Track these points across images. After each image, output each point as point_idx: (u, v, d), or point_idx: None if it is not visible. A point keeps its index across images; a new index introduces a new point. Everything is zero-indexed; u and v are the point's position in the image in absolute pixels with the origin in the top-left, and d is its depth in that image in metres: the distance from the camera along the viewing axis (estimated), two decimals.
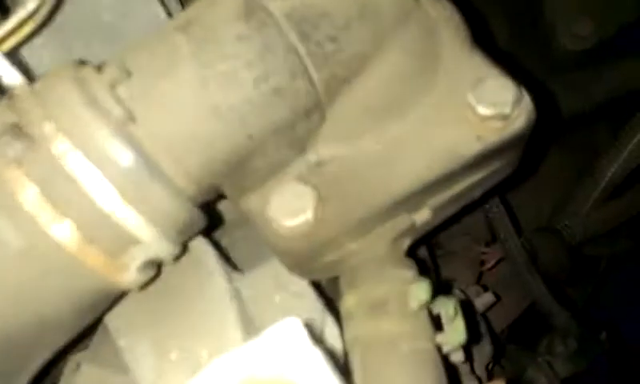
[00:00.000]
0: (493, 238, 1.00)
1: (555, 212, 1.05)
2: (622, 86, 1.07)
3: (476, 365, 0.78)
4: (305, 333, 0.35)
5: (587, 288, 1.14)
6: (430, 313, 0.49)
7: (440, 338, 0.49)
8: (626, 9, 1.06)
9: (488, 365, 0.85)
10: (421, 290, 0.46)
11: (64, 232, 0.40)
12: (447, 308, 0.49)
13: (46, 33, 0.58)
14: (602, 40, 1.06)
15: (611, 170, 1.01)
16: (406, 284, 0.48)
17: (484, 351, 0.82)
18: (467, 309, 0.53)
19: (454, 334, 0.49)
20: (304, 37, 0.46)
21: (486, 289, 0.92)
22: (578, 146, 1.12)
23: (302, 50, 0.46)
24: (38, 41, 0.58)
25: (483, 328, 0.77)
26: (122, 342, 0.53)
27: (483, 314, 0.86)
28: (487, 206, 0.94)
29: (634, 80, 1.09)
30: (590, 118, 1.11)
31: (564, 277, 1.04)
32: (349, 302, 0.50)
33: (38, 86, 0.43)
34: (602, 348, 0.95)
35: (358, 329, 0.48)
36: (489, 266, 1.00)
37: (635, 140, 0.99)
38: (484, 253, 1.00)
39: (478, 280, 0.98)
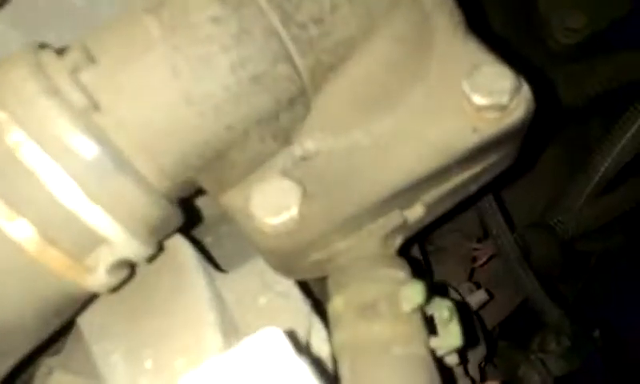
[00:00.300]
0: (484, 234, 0.98)
1: (548, 207, 1.03)
2: (615, 78, 1.05)
3: (469, 365, 0.76)
4: (287, 343, 0.31)
5: (578, 284, 1.12)
6: (424, 314, 0.46)
7: (434, 342, 0.46)
8: (618, 2, 1.05)
9: (480, 364, 0.82)
10: (414, 292, 0.43)
11: (21, 232, 0.36)
12: (442, 311, 0.46)
13: (13, 18, 0.54)
14: (594, 33, 1.04)
15: (604, 164, 0.99)
16: (398, 285, 0.45)
17: (477, 351, 0.79)
18: (463, 311, 0.51)
19: (450, 338, 0.46)
20: (286, 18, 0.42)
21: (478, 286, 0.90)
22: (570, 141, 1.10)
23: (283, 33, 0.42)
24: (2, 27, 0.54)
25: (477, 327, 0.75)
26: (95, 348, 0.49)
27: (476, 312, 0.84)
28: (479, 201, 0.92)
29: (627, 73, 1.07)
30: (582, 113, 1.09)
31: (557, 273, 1.02)
32: (337, 303, 0.46)
33: None
34: (596, 346, 0.93)
35: (347, 332, 0.45)
36: (480, 262, 0.98)
37: (628, 134, 0.97)
38: (475, 249, 0.98)
39: (470, 277, 0.96)
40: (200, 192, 0.52)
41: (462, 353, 0.55)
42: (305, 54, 0.44)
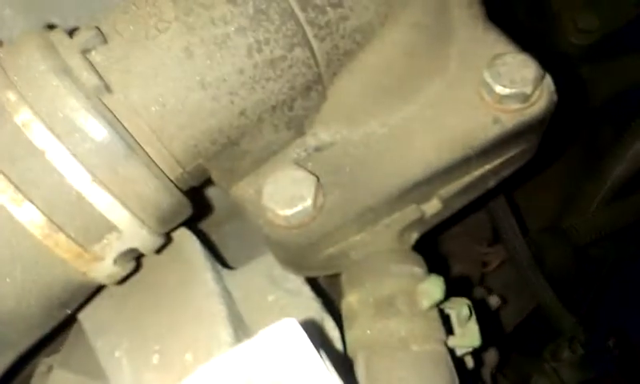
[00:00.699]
0: (495, 239, 0.96)
1: (561, 212, 1.01)
2: (628, 80, 1.04)
3: (482, 370, 0.73)
4: (303, 335, 0.30)
5: (592, 291, 1.10)
6: (441, 312, 0.44)
7: (452, 341, 0.44)
8: (630, 5, 1.04)
9: (492, 371, 0.80)
10: (434, 288, 0.41)
11: (28, 215, 0.34)
12: (460, 309, 0.44)
13: (19, 6, 0.53)
14: (606, 35, 1.03)
15: (618, 168, 0.98)
16: (415, 281, 0.43)
17: (490, 357, 0.77)
18: (481, 310, 0.49)
19: (468, 337, 0.44)
20: (304, 1, 0.41)
21: (490, 291, 0.88)
22: (582, 145, 1.09)
23: (301, 15, 0.41)
24: (8, 13, 0.53)
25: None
26: (97, 344, 0.47)
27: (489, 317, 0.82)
28: (490, 204, 0.90)
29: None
30: (595, 115, 1.08)
31: (570, 279, 1.00)
32: (352, 300, 0.44)
33: (8, 51, 0.38)
34: (611, 355, 0.91)
35: (363, 329, 0.43)
36: (492, 267, 0.96)
37: None
38: (486, 254, 0.96)
39: (481, 282, 0.94)
40: (208, 183, 0.51)
41: (476, 355, 0.54)
42: (322, 38, 0.42)
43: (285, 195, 0.44)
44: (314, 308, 0.50)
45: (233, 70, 0.40)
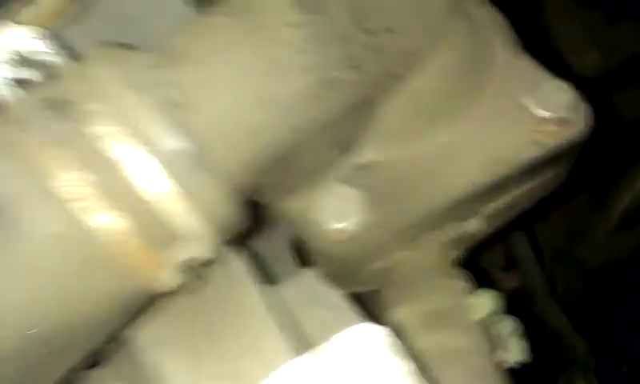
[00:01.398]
0: (507, 264, 0.97)
1: (572, 239, 1.03)
2: (632, 113, 1.08)
3: None
4: (387, 341, 0.30)
5: (601, 318, 1.11)
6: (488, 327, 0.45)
7: (499, 355, 0.45)
8: (631, 38, 1.08)
9: None
10: (485, 301, 0.42)
11: (103, 222, 0.35)
12: (509, 323, 0.45)
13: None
14: (608, 70, 1.07)
15: (623, 202, 1.00)
16: (463, 294, 0.45)
17: None
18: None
19: (515, 352, 0.45)
20: (359, 25, 0.44)
21: None
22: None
23: (355, 39, 0.43)
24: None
25: None
26: (147, 359, 0.47)
27: None
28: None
29: None
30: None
31: (581, 306, 1.01)
32: (400, 314, 0.45)
33: (81, 64, 0.40)
34: (624, 382, 0.91)
35: (412, 343, 0.43)
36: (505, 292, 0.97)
37: None
38: (500, 279, 0.97)
39: None
40: None
41: None
42: (374, 61, 0.44)
43: (334, 210, 0.46)
44: (357, 323, 0.50)
45: (289, 89, 0.42)
